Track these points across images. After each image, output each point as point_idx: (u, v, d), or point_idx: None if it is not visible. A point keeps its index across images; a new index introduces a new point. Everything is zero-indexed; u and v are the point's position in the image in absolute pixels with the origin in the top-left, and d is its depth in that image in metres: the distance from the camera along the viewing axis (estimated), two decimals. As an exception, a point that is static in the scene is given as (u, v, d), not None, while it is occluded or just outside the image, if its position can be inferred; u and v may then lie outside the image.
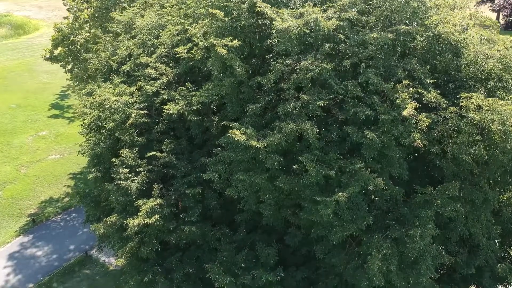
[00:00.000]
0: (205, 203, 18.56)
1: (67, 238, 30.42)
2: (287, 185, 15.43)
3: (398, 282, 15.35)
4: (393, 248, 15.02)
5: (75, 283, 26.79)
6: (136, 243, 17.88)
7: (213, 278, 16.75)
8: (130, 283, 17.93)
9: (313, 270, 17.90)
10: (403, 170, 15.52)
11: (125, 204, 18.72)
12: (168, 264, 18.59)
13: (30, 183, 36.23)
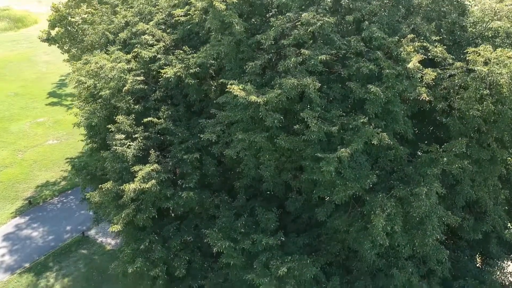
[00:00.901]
0: (203, 170, 18.02)
1: (64, 220, 29.84)
2: (288, 143, 14.89)
3: (403, 244, 14.79)
4: (397, 207, 14.47)
5: (72, 262, 26.21)
6: (133, 209, 17.32)
7: (211, 243, 16.21)
8: (126, 251, 17.34)
9: (314, 237, 17.35)
10: (408, 128, 14.97)
11: (121, 171, 18.19)
12: (165, 232, 18.05)
13: (27, 167, 35.68)
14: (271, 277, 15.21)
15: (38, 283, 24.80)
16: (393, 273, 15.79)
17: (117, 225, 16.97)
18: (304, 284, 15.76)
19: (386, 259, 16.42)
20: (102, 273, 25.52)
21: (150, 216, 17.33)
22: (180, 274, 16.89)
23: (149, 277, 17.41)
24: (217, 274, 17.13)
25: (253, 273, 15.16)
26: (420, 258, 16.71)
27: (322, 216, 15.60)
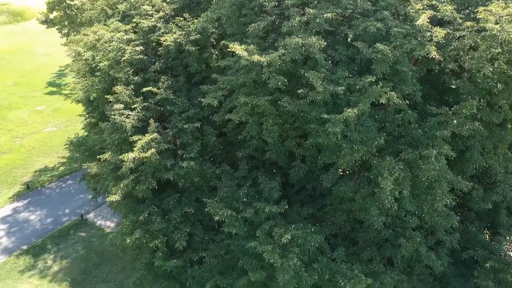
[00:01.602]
0: (204, 140, 17.52)
1: (62, 204, 29.33)
2: (292, 106, 14.37)
3: (412, 209, 14.28)
4: (406, 171, 13.95)
5: (70, 245, 25.70)
6: (132, 180, 16.82)
7: (212, 212, 15.68)
8: (125, 223, 16.83)
9: (318, 208, 16.83)
10: (417, 90, 14.47)
11: (119, 142, 17.69)
12: (165, 205, 17.53)
13: (25, 153, 35.20)
14: (274, 245, 14.69)
15: (36, 265, 24.29)
16: (401, 243, 15.29)
17: (115, 195, 16.45)
18: (308, 254, 15.23)
19: (393, 230, 15.92)
20: (101, 254, 25.02)
21: (150, 187, 16.82)
22: (181, 246, 16.38)
23: (148, 249, 16.88)
24: (219, 245, 16.60)
25: (256, 241, 14.63)
26: (428, 228, 16.21)
27: (327, 183, 15.08)
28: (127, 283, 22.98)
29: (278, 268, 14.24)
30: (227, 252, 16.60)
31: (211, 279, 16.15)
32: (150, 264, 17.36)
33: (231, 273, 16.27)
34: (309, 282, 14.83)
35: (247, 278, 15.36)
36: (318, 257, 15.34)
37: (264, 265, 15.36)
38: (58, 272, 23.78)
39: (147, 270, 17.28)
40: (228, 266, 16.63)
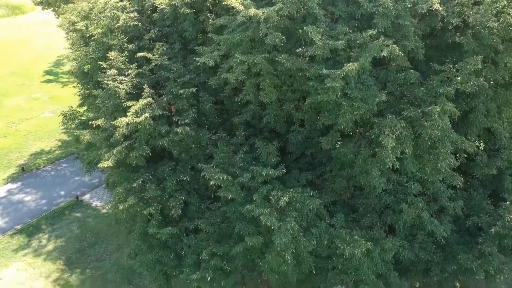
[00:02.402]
0: (200, 106, 17.04)
1: (57, 186, 28.89)
2: (290, 62, 13.87)
3: (414, 170, 13.78)
4: (408, 129, 13.46)
5: (65, 225, 25.25)
6: (125, 147, 16.31)
7: (208, 177, 15.18)
8: (118, 191, 16.32)
9: (317, 176, 16.33)
10: (419, 47, 13.98)
11: (113, 110, 17.18)
12: (160, 173, 17.00)
13: (21, 138, 34.79)
14: (272, 209, 14.18)
15: (30, 244, 23.84)
16: (402, 208, 14.76)
17: (107, 161, 15.95)
18: (307, 219, 14.72)
19: (394, 196, 15.40)
20: (96, 234, 24.57)
21: (144, 153, 16.30)
22: (176, 214, 15.86)
23: (143, 218, 16.38)
24: (215, 213, 16.10)
25: (253, 205, 14.13)
26: (430, 195, 15.69)
27: (327, 145, 14.58)
28: (122, 261, 22.53)
29: (276, 231, 13.73)
30: (224, 220, 16.09)
31: (207, 248, 15.64)
32: (145, 234, 16.85)
33: (227, 241, 15.76)
34: (307, 248, 14.32)
35: (244, 245, 14.87)
36: (316, 222, 14.83)
37: (261, 231, 14.87)
38: (53, 251, 23.32)
39: (141, 240, 16.76)
40: (225, 234, 16.13)
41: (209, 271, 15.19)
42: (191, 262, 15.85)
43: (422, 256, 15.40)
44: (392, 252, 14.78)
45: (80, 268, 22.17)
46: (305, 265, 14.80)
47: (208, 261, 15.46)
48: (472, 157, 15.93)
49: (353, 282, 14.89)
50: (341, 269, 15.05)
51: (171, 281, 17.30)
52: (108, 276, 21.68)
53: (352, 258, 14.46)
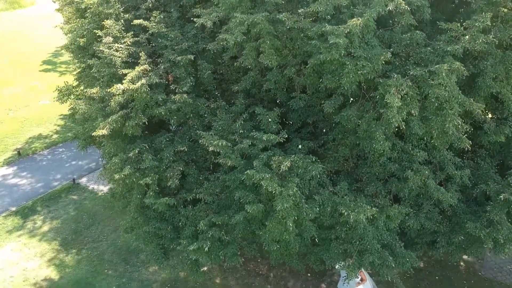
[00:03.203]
0: (198, 75, 16.53)
1: (54, 169, 28.38)
2: (291, 21, 13.36)
3: (420, 132, 13.26)
4: (414, 89, 12.93)
5: (61, 207, 24.72)
6: (121, 116, 15.80)
7: (206, 143, 14.67)
8: (114, 161, 15.80)
9: (320, 145, 15.81)
10: (425, 6, 13.47)
11: (108, 78, 16.68)
12: (157, 145, 16.49)
13: (17, 124, 34.28)
14: (273, 175, 13.66)
15: (25, 225, 23.31)
16: (408, 176, 14.24)
17: (102, 130, 15.43)
18: (309, 187, 14.20)
19: (399, 164, 14.88)
20: (93, 216, 24.05)
21: (140, 123, 15.79)
22: (173, 184, 15.33)
23: (139, 189, 15.86)
24: (214, 184, 15.57)
25: (253, 170, 13.61)
26: (436, 164, 15.17)
27: (330, 108, 14.05)
28: (119, 242, 22.03)
29: (277, 196, 13.20)
30: (223, 190, 15.57)
31: (206, 218, 15.12)
32: (141, 206, 16.35)
33: (226, 212, 15.24)
34: (309, 215, 13.80)
35: (244, 214, 14.35)
36: (319, 190, 14.31)
37: (262, 199, 14.35)
38: (48, 232, 22.81)
39: (137, 212, 16.24)
40: (224, 205, 15.62)
41: (206, 242, 14.67)
42: (189, 234, 15.34)
43: (428, 226, 14.90)
44: (398, 220, 14.26)
45: (76, 249, 21.63)
46: (307, 233, 14.29)
47: (206, 232, 14.94)
48: (479, 125, 15.40)
49: (357, 252, 14.36)
50: (344, 239, 14.53)
51: (169, 255, 16.75)
52: (104, 256, 21.16)
53: (356, 227, 13.97)
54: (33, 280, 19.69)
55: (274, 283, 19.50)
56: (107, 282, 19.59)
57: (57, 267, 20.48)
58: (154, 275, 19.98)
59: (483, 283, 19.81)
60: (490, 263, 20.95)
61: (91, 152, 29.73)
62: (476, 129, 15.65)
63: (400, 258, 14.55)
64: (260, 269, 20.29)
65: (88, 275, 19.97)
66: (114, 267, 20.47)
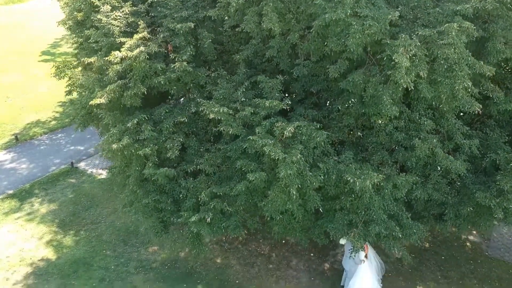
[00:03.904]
0: (198, 44, 16.08)
1: (52, 154, 27.92)
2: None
3: (429, 96, 12.81)
4: (422, 50, 12.48)
5: (59, 190, 24.26)
6: (119, 86, 15.36)
7: (207, 111, 14.22)
8: (112, 132, 15.35)
9: (324, 115, 15.36)
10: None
11: (107, 49, 16.24)
12: (156, 116, 16.04)
13: (15, 111, 33.82)
14: (276, 141, 13.21)
15: (22, 207, 22.86)
16: (415, 144, 13.78)
17: (100, 99, 14.99)
18: (313, 156, 13.74)
19: (406, 133, 14.43)
20: (91, 198, 23.59)
21: (139, 92, 15.36)
22: (173, 155, 14.88)
23: (138, 161, 15.41)
24: (215, 155, 15.12)
25: (256, 136, 13.16)
26: (444, 133, 14.72)
27: (335, 73, 13.59)
28: (118, 224, 21.58)
29: (280, 162, 12.75)
30: (224, 162, 15.12)
31: (207, 189, 14.67)
32: (140, 180, 15.91)
33: (228, 183, 14.78)
34: (313, 184, 13.34)
35: (246, 183, 13.90)
36: (324, 159, 13.85)
37: (264, 168, 13.90)
38: (46, 214, 22.35)
39: (136, 186, 15.79)
40: (225, 177, 15.16)
41: (208, 213, 14.22)
42: (190, 206, 14.88)
43: (436, 197, 14.43)
44: (405, 189, 13.80)
45: (74, 230, 21.18)
46: (311, 203, 13.83)
47: (208, 203, 14.50)
48: (488, 94, 14.93)
49: (363, 222, 13.90)
50: (350, 209, 14.08)
51: (169, 229, 16.30)
52: (103, 237, 20.70)
53: (362, 196, 13.50)
54: (30, 260, 19.24)
55: (277, 262, 19.05)
56: (106, 262, 19.14)
57: (54, 247, 20.03)
58: (154, 255, 19.53)
59: (490, 262, 19.35)
60: (497, 243, 20.50)
61: (90, 137, 29.43)
62: (485, 99, 15.18)
63: (407, 229, 14.10)
64: (262, 249, 19.84)
65: (86, 255, 19.52)
66: (112, 248, 20.02)
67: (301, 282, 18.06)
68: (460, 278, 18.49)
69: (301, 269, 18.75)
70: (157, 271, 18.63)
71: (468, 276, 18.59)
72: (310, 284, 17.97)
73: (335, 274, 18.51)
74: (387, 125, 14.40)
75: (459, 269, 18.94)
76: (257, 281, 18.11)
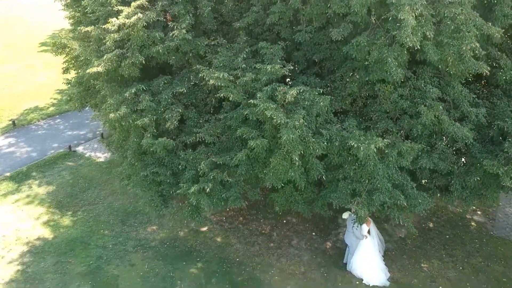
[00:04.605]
0: (198, 13, 15.71)
1: (50, 139, 27.57)
2: None
3: (435, 58, 12.43)
4: (429, 9, 12.11)
5: (56, 172, 23.87)
6: (117, 55, 15.00)
7: (206, 77, 13.85)
8: (109, 102, 14.96)
9: (327, 84, 15.00)
10: None
11: (104, 19, 15.87)
12: (155, 87, 15.67)
13: (13, 98, 33.49)
14: (278, 106, 12.84)
15: (19, 189, 22.48)
16: (420, 111, 13.41)
17: (97, 67, 14.62)
18: (316, 123, 13.37)
19: (411, 101, 14.05)
20: (89, 180, 23.21)
21: (137, 61, 14.98)
22: (172, 125, 14.51)
23: (136, 132, 15.04)
24: (215, 125, 14.75)
25: (257, 100, 12.78)
26: (450, 101, 14.35)
27: (338, 36, 13.21)
28: (116, 205, 21.20)
29: (282, 127, 12.37)
30: (224, 132, 14.74)
31: (207, 160, 14.29)
32: (139, 153, 15.54)
33: (228, 153, 14.41)
34: (316, 150, 12.96)
35: (246, 152, 13.53)
36: (327, 126, 13.47)
37: (266, 135, 13.52)
38: (43, 196, 21.97)
39: (134, 158, 15.41)
40: (225, 148, 14.79)
41: (208, 183, 13.84)
42: (189, 177, 14.49)
43: (442, 167, 14.04)
44: (410, 157, 13.41)
45: (71, 211, 20.79)
46: (314, 171, 13.46)
47: (208, 174, 14.12)
48: (496, 63, 14.56)
49: (366, 191, 13.51)
50: (353, 178, 13.70)
51: (168, 202, 15.91)
52: (101, 218, 20.31)
53: (366, 164, 13.11)
54: (26, 239, 18.86)
55: (278, 241, 18.66)
56: (103, 241, 18.75)
57: (51, 227, 19.65)
58: (153, 234, 19.14)
59: (496, 241, 18.98)
60: (502, 223, 20.13)
61: (88, 122, 29.06)
62: (492, 68, 14.80)
63: (412, 199, 13.70)
64: (263, 228, 19.45)
65: (84, 235, 19.13)
66: (110, 228, 19.63)
67: (302, 260, 17.66)
68: (465, 256, 18.09)
69: (302, 248, 18.35)
70: (156, 250, 18.24)
71: (473, 254, 18.20)
72: (311, 262, 17.57)
73: (337, 253, 18.12)
74: (391, 93, 14.03)
75: (464, 248, 18.55)
76: (258, 259, 17.72)
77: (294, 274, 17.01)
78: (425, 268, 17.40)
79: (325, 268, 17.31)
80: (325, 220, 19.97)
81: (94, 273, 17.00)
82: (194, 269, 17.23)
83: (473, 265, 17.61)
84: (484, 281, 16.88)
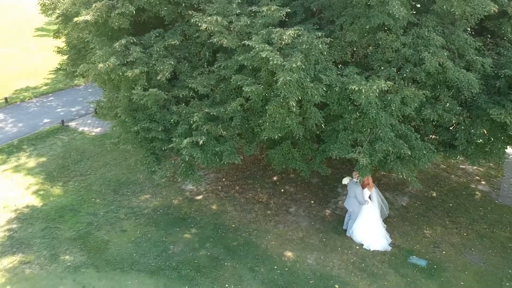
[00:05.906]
0: (192, -37, 15.06)
1: (43, 115, 26.92)
2: None
3: None
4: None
5: (48, 145, 23.20)
6: (106, 6, 14.34)
7: (199, 22, 13.19)
8: (97, 54, 14.28)
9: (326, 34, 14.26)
10: None
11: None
12: (146, 40, 15.01)
13: (6, 77, 32.88)
14: (274, 49, 12.17)
15: (9, 160, 21.80)
16: (424, 57, 12.75)
17: (86, 16, 13.96)
18: (314, 71, 12.69)
19: (415, 49, 13.39)
20: (82, 152, 22.54)
21: (127, 11, 14.32)
22: (164, 77, 13.85)
23: (127, 86, 14.38)
24: (208, 77, 14.08)
25: (253, 41, 12.12)
26: (455, 51, 13.70)
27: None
28: (108, 175, 20.52)
29: (279, 69, 11.71)
30: (218, 84, 14.08)
31: (200, 112, 13.64)
32: (130, 109, 14.88)
33: (223, 105, 13.75)
34: (315, 97, 12.29)
35: (241, 100, 12.87)
36: (326, 72, 12.79)
37: (262, 82, 12.85)
38: (33, 167, 21.27)
39: (125, 114, 14.74)
40: (220, 101, 14.13)
41: (201, 136, 13.18)
42: (182, 132, 13.83)
43: (447, 118, 13.39)
44: (414, 104, 12.74)
45: (62, 182, 20.09)
46: (313, 120, 12.79)
47: (201, 126, 13.46)
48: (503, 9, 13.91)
49: (368, 141, 12.85)
50: (354, 128, 13.04)
51: (161, 160, 15.23)
52: (92, 187, 19.61)
53: (367, 112, 12.45)
54: (14, 207, 18.16)
55: (275, 209, 17.98)
56: (94, 209, 18.06)
57: (40, 196, 18.96)
58: (146, 203, 18.47)
59: (501, 209, 18.34)
60: (506, 191, 19.50)
61: (82, 100, 28.45)
62: (499, 17, 14.19)
63: (416, 150, 13.05)
64: (260, 197, 18.78)
65: (74, 203, 18.44)
66: (102, 196, 18.94)
67: (300, 227, 16.99)
68: (470, 223, 17.44)
69: (300, 215, 17.68)
70: (149, 217, 17.56)
71: (478, 221, 17.54)
72: (310, 228, 16.90)
73: (337, 219, 17.46)
74: (393, 41, 13.37)
75: (468, 215, 17.89)
76: (254, 225, 17.04)
77: (292, 239, 16.34)
78: (428, 235, 16.74)
79: (324, 234, 16.63)
80: (324, 189, 19.33)
81: (83, 238, 16.32)
82: (187, 234, 16.55)
83: (478, 231, 16.95)
84: (489, 246, 16.21)
